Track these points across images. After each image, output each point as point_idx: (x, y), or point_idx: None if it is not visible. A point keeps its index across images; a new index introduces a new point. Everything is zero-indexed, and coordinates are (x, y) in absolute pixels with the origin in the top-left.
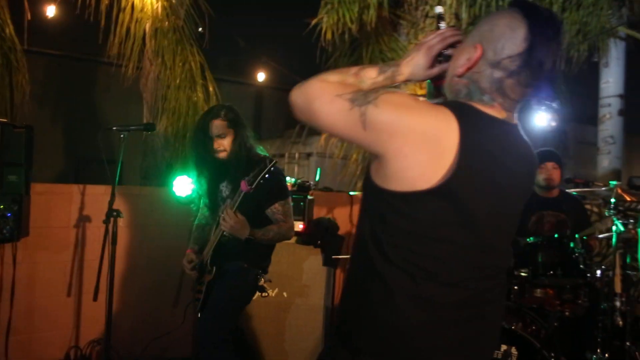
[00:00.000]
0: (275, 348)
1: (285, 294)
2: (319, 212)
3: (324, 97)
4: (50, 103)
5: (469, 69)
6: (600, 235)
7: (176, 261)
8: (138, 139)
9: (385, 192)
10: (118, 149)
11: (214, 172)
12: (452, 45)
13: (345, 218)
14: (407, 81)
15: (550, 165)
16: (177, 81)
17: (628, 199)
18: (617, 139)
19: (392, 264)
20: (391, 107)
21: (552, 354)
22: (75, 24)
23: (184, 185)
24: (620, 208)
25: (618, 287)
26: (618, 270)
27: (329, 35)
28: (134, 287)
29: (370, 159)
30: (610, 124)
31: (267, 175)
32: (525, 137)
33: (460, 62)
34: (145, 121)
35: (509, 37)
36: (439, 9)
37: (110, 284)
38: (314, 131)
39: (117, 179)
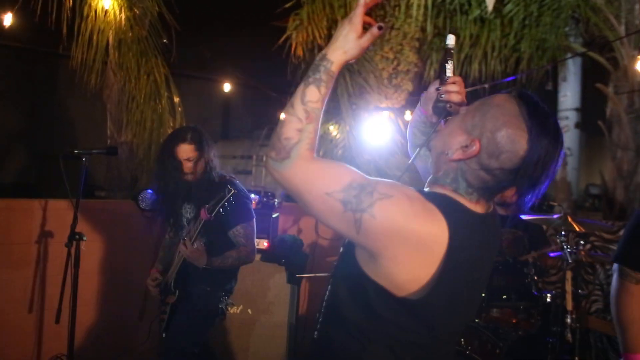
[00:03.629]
0: None
1: (249, 310)
2: (285, 223)
3: (312, 194)
4: (10, 96)
5: (461, 159)
6: (553, 254)
7: (141, 275)
8: (99, 165)
9: (372, 282)
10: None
11: (179, 192)
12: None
13: (311, 229)
14: (346, 62)
15: None
16: (142, 94)
17: (577, 229)
18: (574, 150)
19: (373, 346)
20: (388, 215)
21: None
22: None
23: (148, 199)
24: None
25: (569, 305)
26: (569, 289)
27: (299, 52)
28: (98, 301)
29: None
30: (567, 137)
31: (226, 204)
32: (498, 221)
33: (454, 145)
34: (109, 132)
35: (508, 151)
36: (450, 41)
37: (72, 306)
38: None
39: (78, 203)
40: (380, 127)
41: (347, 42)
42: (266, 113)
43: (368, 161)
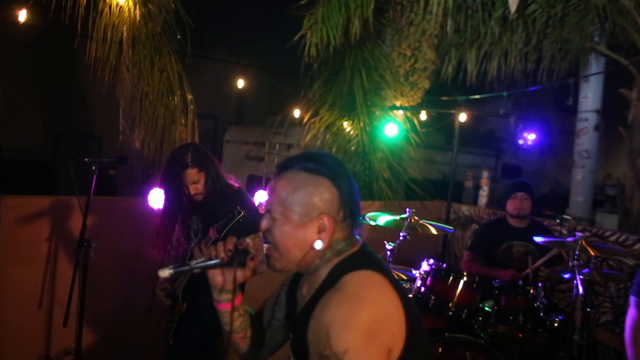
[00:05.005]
0: None
1: None
2: None
3: None
4: (28, 76)
5: (330, 239)
6: (566, 276)
7: (149, 272)
8: (114, 145)
9: None
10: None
11: (187, 206)
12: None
13: None
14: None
15: (520, 195)
16: (155, 92)
17: (592, 253)
18: (592, 153)
19: None
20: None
21: None
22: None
23: (158, 198)
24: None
25: (577, 323)
26: (579, 307)
27: (312, 52)
28: (107, 297)
29: None
30: (586, 139)
31: (235, 225)
32: None
33: (311, 238)
34: (121, 128)
35: (333, 195)
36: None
37: (80, 311)
38: (296, 122)
39: (87, 209)
40: (394, 125)
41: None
42: (281, 99)
43: (381, 159)
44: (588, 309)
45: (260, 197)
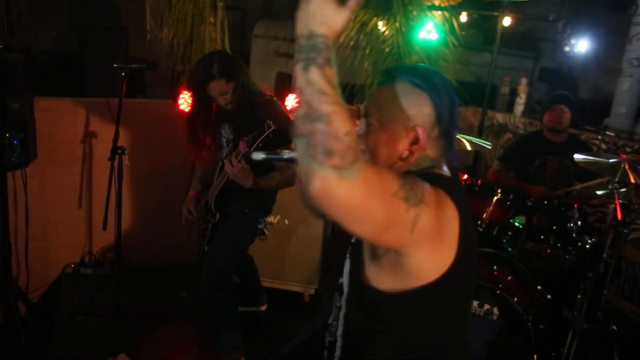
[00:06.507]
0: (275, 271)
1: (286, 221)
2: None
3: (385, 201)
4: None
5: (423, 151)
6: (599, 192)
7: (182, 174)
8: (141, 38)
9: (398, 294)
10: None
11: (216, 114)
12: None
13: None
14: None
15: (559, 107)
16: None
17: (633, 180)
18: None
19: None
20: (434, 205)
21: (531, 318)
22: None
23: (187, 100)
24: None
25: (609, 242)
26: (614, 229)
27: None
28: (142, 199)
29: (365, 269)
30: (638, 46)
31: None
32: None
33: (402, 148)
34: (148, 26)
35: (432, 110)
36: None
37: (118, 214)
38: None
39: (119, 117)
40: (432, 26)
41: (327, 15)
42: None
43: (416, 62)
44: (621, 230)
45: (291, 101)
